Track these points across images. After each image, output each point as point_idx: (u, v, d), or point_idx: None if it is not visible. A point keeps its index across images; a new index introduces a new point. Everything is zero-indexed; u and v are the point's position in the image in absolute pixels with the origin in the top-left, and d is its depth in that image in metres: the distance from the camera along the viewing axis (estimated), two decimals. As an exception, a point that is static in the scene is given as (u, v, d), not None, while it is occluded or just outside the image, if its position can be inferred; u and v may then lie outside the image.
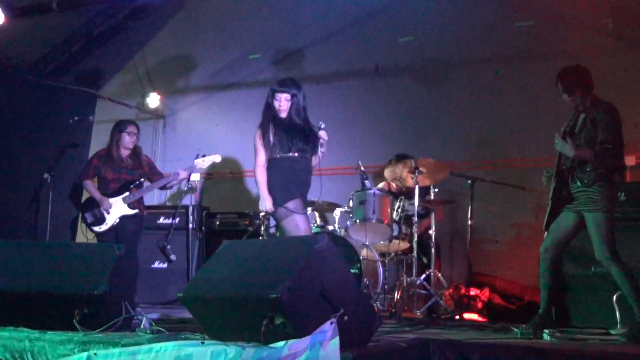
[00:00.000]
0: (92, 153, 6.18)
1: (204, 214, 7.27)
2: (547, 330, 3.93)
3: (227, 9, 8.27)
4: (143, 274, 6.16)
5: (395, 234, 5.84)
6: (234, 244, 3.54)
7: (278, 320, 2.79)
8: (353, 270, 5.46)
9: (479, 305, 5.73)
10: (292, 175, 4.54)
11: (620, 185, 4.49)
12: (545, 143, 6.18)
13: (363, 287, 5.45)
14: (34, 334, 3.19)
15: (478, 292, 5.88)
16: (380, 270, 5.73)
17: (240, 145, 6.82)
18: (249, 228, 6.95)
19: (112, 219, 5.57)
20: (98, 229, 5.58)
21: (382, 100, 7.52)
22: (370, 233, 5.72)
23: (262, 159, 4.57)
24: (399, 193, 6.22)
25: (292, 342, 2.63)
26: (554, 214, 4.29)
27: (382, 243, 6.00)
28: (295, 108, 4.60)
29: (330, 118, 6.95)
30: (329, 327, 2.62)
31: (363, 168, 5.84)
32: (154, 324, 3.63)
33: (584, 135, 4.16)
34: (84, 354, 2.87)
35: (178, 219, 6.71)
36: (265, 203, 4.49)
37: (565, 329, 4.37)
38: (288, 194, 4.50)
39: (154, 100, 8.37)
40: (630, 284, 4.02)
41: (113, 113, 7.86)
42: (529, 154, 6.68)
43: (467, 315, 5.49)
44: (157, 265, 6.96)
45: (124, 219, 5.59)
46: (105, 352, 2.84)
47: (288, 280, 2.79)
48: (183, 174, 5.70)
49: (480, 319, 5.51)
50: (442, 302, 5.71)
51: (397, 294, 5.65)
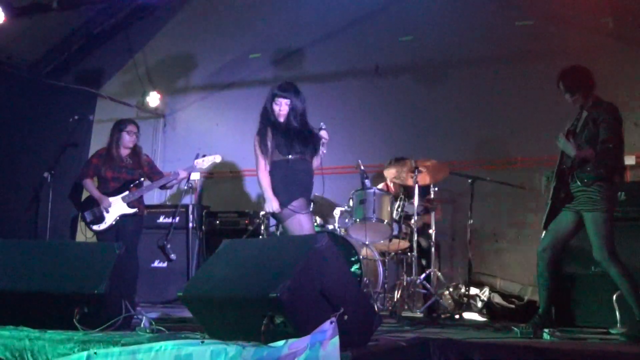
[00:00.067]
0: (92, 152, 6.17)
1: (204, 213, 7.28)
2: (547, 330, 3.93)
3: (227, 9, 8.27)
4: (143, 273, 6.16)
5: (395, 233, 5.84)
6: (234, 243, 3.54)
7: (278, 320, 2.79)
8: (353, 270, 5.47)
9: (479, 305, 5.74)
10: (293, 177, 4.58)
11: (620, 185, 4.49)
12: (546, 142, 6.20)
13: (363, 286, 5.45)
14: (34, 333, 3.19)
15: (478, 291, 5.89)
16: (380, 270, 5.74)
17: (240, 145, 6.80)
18: (249, 227, 6.95)
19: (111, 218, 5.56)
20: (97, 228, 5.58)
21: (382, 100, 7.52)
22: (370, 232, 5.72)
23: (263, 163, 4.61)
24: (397, 195, 6.22)
25: (292, 341, 2.63)
26: (553, 214, 4.29)
27: (382, 242, 6.00)
28: (294, 112, 4.64)
29: (330, 118, 6.98)
30: (329, 326, 2.62)
31: (363, 167, 5.85)
32: (154, 323, 3.63)
33: (585, 135, 4.16)
34: (84, 353, 2.87)
35: (178, 218, 6.72)
36: (272, 204, 4.51)
37: (565, 329, 4.37)
38: (291, 195, 4.54)
39: (154, 100, 8.37)
40: (629, 284, 4.01)
41: (113, 112, 7.86)
42: (529, 154, 6.68)
43: (467, 315, 5.49)
44: (157, 265, 6.97)
45: (124, 218, 5.59)
46: (105, 351, 2.84)
47: (288, 280, 2.79)
48: (183, 174, 5.70)
49: (480, 319, 5.51)
50: (442, 301, 5.72)
51: (397, 294, 5.66)
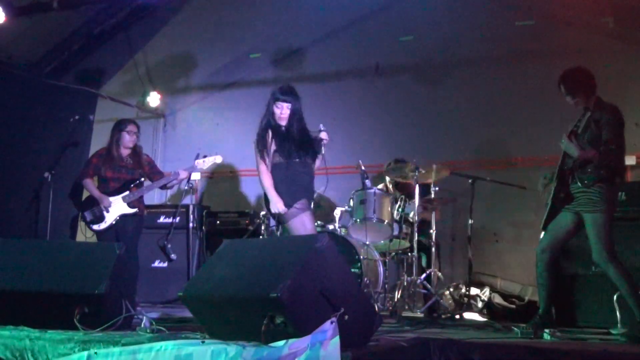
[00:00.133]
0: (92, 152, 6.17)
1: (205, 213, 7.28)
2: (547, 330, 3.93)
3: (227, 9, 8.27)
4: (143, 273, 6.16)
5: (396, 234, 5.84)
6: (235, 243, 3.54)
7: (278, 320, 2.79)
8: (353, 270, 5.46)
9: (480, 305, 5.73)
10: (294, 178, 4.59)
11: (621, 185, 4.48)
12: (546, 142, 6.21)
13: (363, 286, 5.45)
14: (35, 333, 3.19)
15: (478, 291, 5.88)
16: (381, 270, 5.74)
17: (241, 145, 6.80)
18: (250, 227, 6.96)
19: (111, 218, 5.56)
20: (97, 228, 5.58)
21: (382, 100, 7.51)
22: (371, 232, 5.72)
23: (264, 165, 4.61)
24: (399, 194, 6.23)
25: (292, 341, 2.63)
26: (553, 215, 4.29)
27: (382, 242, 6.00)
28: (295, 116, 4.65)
29: (331, 117, 7.00)
30: (330, 326, 2.62)
31: (363, 167, 5.84)
32: (154, 323, 3.63)
33: (588, 136, 4.15)
34: (84, 353, 2.87)
35: (178, 218, 6.72)
36: (277, 205, 4.51)
37: (566, 329, 4.37)
38: (293, 195, 4.55)
39: (155, 100, 8.37)
40: (629, 285, 4.01)
41: (113, 112, 7.86)
42: (530, 153, 6.68)
43: (467, 315, 5.49)
44: (157, 265, 6.97)
45: (124, 218, 5.59)
46: (106, 351, 2.84)
47: (288, 280, 2.79)
48: (183, 174, 5.70)
49: (481, 319, 5.51)
50: (442, 301, 5.72)
51: (397, 294, 5.65)
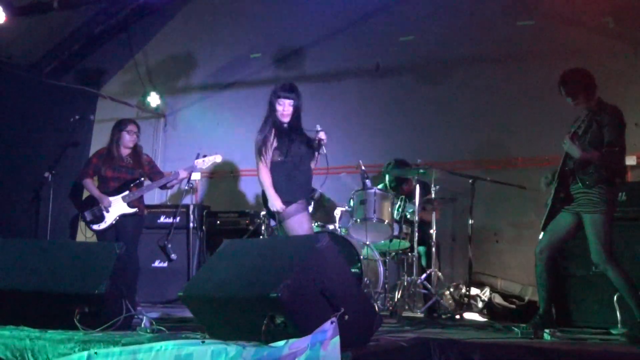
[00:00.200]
0: (92, 152, 6.17)
1: (205, 213, 7.27)
2: (547, 330, 3.93)
3: (227, 8, 8.28)
4: (144, 273, 6.16)
5: (396, 234, 5.83)
6: (235, 243, 3.54)
7: (278, 320, 2.79)
8: (354, 270, 5.46)
9: (480, 305, 5.73)
10: (293, 177, 4.59)
11: (621, 186, 4.48)
12: (546, 142, 6.22)
13: (364, 286, 5.45)
14: (35, 333, 3.19)
15: (478, 291, 5.88)
16: (381, 270, 5.73)
17: (241, 145, 6.81)
18: (250, 227, 6.95)
19: (111, 218, 5.56)
20: (97, 227, 5.57)
21: (382, 100, 7.51)
22: (371, 232, 5.71)
23: (264, 163, 4.60)
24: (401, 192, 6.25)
25: (292, 341, 2.63)
26: (553, 215, 4.28)
27: (382, 242, 6.00)
28: (297, 113, 4.65)
29: (331, 117, 7.01)
30: (330, 326, 2.62)
31: (364, 167, 5.84)
32: (155, 323, 3.63)
33: (589, 137, 4.14)
34: (85, 353, 2.87)
35: (179, 218, 6.72)
36: (275, 203, 4.51)
37: (566, 329, 4.37)
38: (292, 194, 4.55)
39: (155, 100, 8.38)
40: (628, 286, 4.01)
41: (114, 112, 7.86)
42: (530, 153, 6.68)
43: (467, 315, 5.49)
44: (157, 265, 6.96)
45: (123, 218, 5.58)
46: (106, 351, 2.84)
47: (289, 280, 2.79)
48: (183, 174, 5.69)
49: (481, 319, 5.51)
50: (442, 301, 5.71)
51: (397, 294, 5.65)
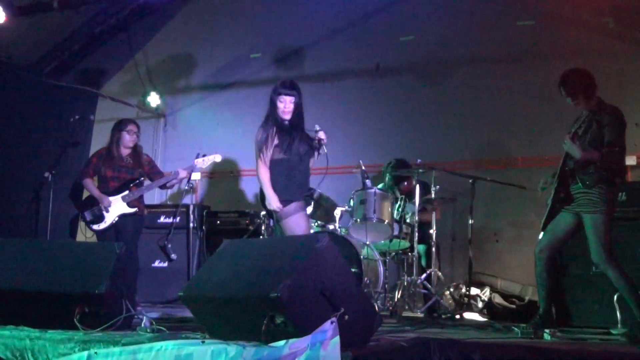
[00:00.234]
0: (92, 152, 6.18)
1: (205, 213, 7.27)
2: (547, 330, 3.93)
3: (227, 8, 8.28)
4: (144, 273, 6.16)
5: (396, 234, 5.83)
6: (235, 243, 3.54)
7: (278, 320, 2.79)
8: (354, 270, 5.46)
9: (480, 305, 5.73)
10: (292, 176, 4.58)
11: (621, 185, 4.48)
12: (546, 142, 6.23)
13: (363, 286, 5.45)
14: (35, 333, 3.19)
15: (479, 291, 5.88)
16: (381, 270, 5.73)
17: (241, 144, 6.81)
18: (250, 227, 6.95)
19: (111, 218, 5.56)
20: (97, 227, 5.58)
21: (382, 100, 7.51)
22: (371, 232, 5.71)
23: (263, 161, 4.59)
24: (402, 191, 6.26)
25: (292, 341, 2.63)
26: (553, 215, 4.28)
27: (382, 242, 6.00)
28: (298, 111, 4.63)
29: (331, 117, 7.01)
30: (330, 326, 2.62)
31: (364, 167, 5.84)
32: (155, 323, 3.63)
33: (589, 137, 4.14)
34: (85, 353, 2.87)
35: (179, 218, 6.71)
36: (272, 202, 4.51)
37: (566, 329, 4.37)
38: (290, 193, 4.54)
39: (155, 100, 8.38)
40: (628, 286, 4.01)
41: (114, 112, 7.86)
42: (530, 153, 6.68)
43: (467, 315, 5.49)
44: (157, 264, 6.96)
45: (123, 218, 5.58)
46: (106, 351, 2.84)
47: (289, 280, 2.79)
48: (183, 173, 5.69)
49: (481, 319, 5.51)
50: (442, 301, 5.72)
51: (397, 293, 5.65)
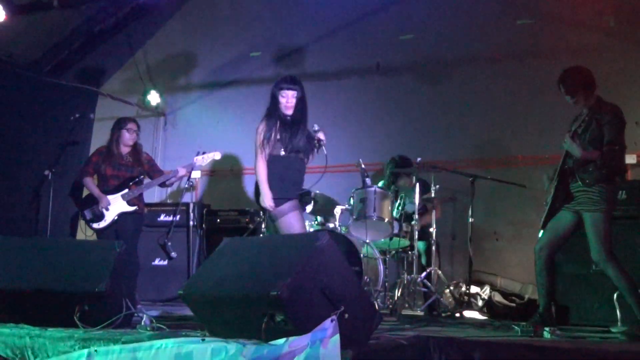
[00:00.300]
0: (92, 150, 6.18)
1: (205, 211, 7.27)
2: (547, 328, 3.93)
3: (227, 7, 8.28)
4: (144, 271, 6.15)
5: (396, 232, 5.84)
6: (235, 242, 3.54)
7: (278, 318, 2.80)
8: (354, 268, 5.46)
9: (480, 303, 5.74)
10: (289, 174, 4.56)
11: (621, 184, 4.48)
12: (546, 141, 6.22)
13: (363, 284, 5.45)
14: (35, 331, 3.20)
15: (478, 289, 5.88)
16: (381, 268, 5.73)
17: (241, 143, 6.82)
18: (250, 225, 6.95)
19: (110, 216, 5.56)
20: (97, 226, 5.58)
21: (382, 98, 7.51)
22: (371, 231, 5.72)
23: (262, 157, 4.56)
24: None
25: (292, 339, 2.63)
26: (553, 213, 4.28)
27: (382, 240, 6.00)
28: (300, 106, 4.59)
29: (331, 116, 7.01)
30: (330, 324, 2.62)
31: (364, 166, 5.84)
32: (155, 321, 3.64)
33: (589, 136, 4.14)
34: (85, 351, 2.87)
35: (179, 216, 6.72)
36: (266, 200, 4.49)
37: (566, 327, 4.37)
38: (285, 192, 4.52)
39: (155, 98, 8.38)
40: (627, 284, 4.01)
41: (114, 110, 7.85)
42: (530, 152, 6.68)
43: (467, 313, 5.49)
44: (157, 263, 6.97)
45: (123, 216, 5.58)
46: (106, 349, 2.84)
47: (289, 278, 2.79)
48: (182, 172, 5.70)
49: (481, 317, 5.51)
50: (442, 299, 5.72)
51: (397, 292, 5.65)
